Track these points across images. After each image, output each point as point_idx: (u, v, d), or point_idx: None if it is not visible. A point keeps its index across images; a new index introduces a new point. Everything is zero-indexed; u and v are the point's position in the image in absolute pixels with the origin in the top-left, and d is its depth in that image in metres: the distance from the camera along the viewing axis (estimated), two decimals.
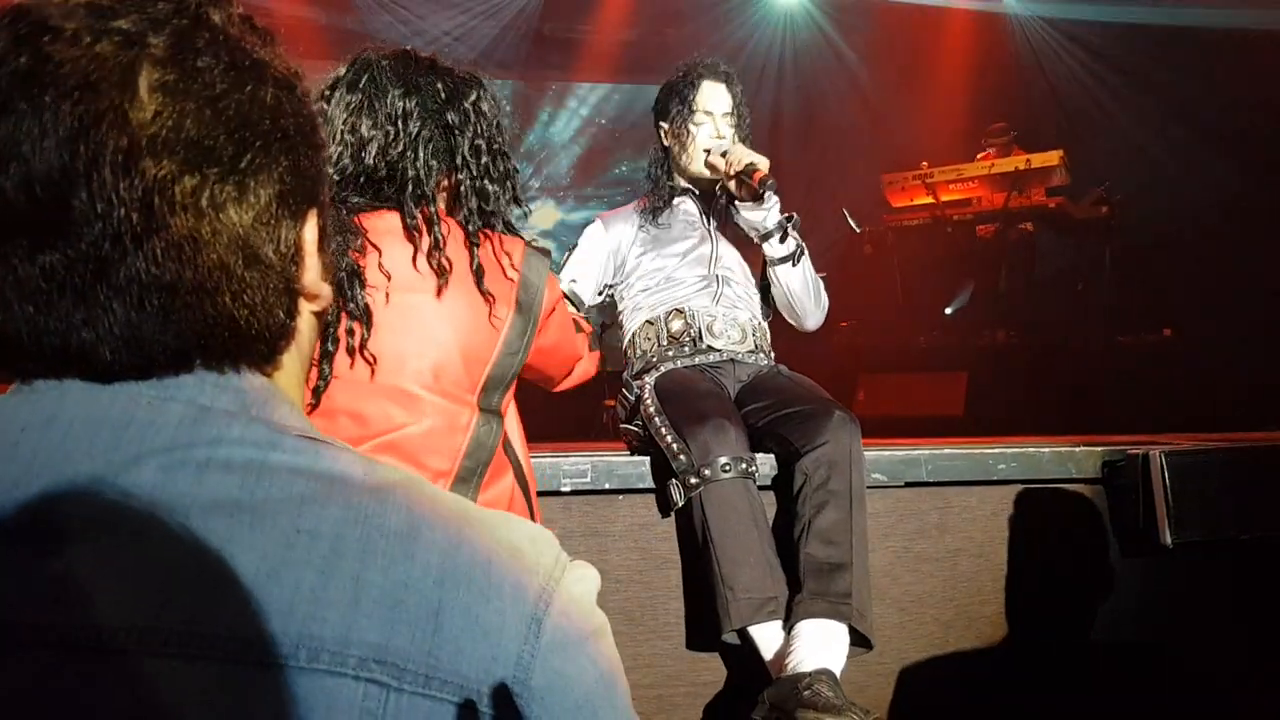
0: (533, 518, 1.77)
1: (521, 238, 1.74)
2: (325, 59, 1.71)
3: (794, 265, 2.50)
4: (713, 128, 2.60)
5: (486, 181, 1.69)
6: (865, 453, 2.18)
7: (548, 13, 8.26)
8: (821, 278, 2.63)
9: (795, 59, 8.83)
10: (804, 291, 2.54)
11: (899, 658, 2.35)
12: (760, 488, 2.16)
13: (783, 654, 2.00)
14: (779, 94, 8.70)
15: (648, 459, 2.28)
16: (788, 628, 2.03)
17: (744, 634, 2.07)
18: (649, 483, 2.26)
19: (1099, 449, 2.51)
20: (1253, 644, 2.47)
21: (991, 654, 2.39)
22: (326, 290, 0.68)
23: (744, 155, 2.45)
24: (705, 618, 2.13)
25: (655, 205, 2.71)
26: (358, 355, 1.56)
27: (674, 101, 2.64)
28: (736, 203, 2.49)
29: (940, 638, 2.38)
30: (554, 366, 1.88)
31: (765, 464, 2.25)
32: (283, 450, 0.60)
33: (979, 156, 6.64)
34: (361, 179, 1.64)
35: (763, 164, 2.42)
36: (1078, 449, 2.50)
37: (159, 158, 0.56)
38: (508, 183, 1.73)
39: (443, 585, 0.58)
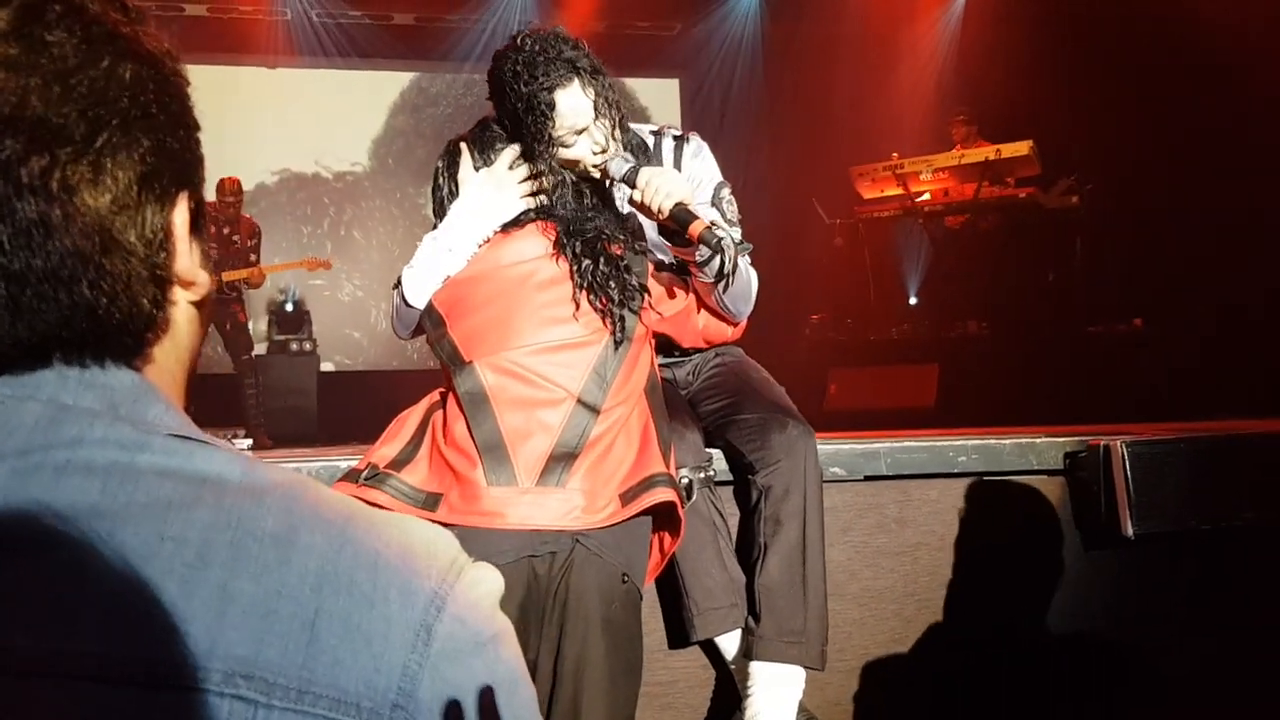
0: None
1: None
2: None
3: (725, 289, 1.98)
4: (589, 141, 1.96)
5: None
6: (823, 446, 2.15)
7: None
8: (745, 250, 2.00)
9: (763, 49, 8.84)
10: (734, 300, 2.06)
11: (860, 654, 2.33)
12: (718, 483, 2.12)
13: (742, 685, 2.04)
14: (748, 85, 8.70)
15: None
16: (742, 650, 2.05)
17: (709, 642, 2.10)
18: None
19: (1060, 440, 2.50)
20: (1214, 635, 2.47)
21: (953, 648, 2.37)
22: (204, 277, 0.64)
23: (664, 194, 1.87)
24: (674, 617, 2.14)
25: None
26: None
27: (524, 134, 1.92)
28: (663, 236, 1.98)
29: (901, 632, 2.36)
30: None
31: (720, 458, 2.20)
32: (151, 451, 0.56)
33: (954, 139, 6.63)
34: None
35: (689, 202, 1.89)
36: (1039, 440, 2.48)
37: (2, 138, 0.52)
38: None
39: (320, 591, 0.54)
